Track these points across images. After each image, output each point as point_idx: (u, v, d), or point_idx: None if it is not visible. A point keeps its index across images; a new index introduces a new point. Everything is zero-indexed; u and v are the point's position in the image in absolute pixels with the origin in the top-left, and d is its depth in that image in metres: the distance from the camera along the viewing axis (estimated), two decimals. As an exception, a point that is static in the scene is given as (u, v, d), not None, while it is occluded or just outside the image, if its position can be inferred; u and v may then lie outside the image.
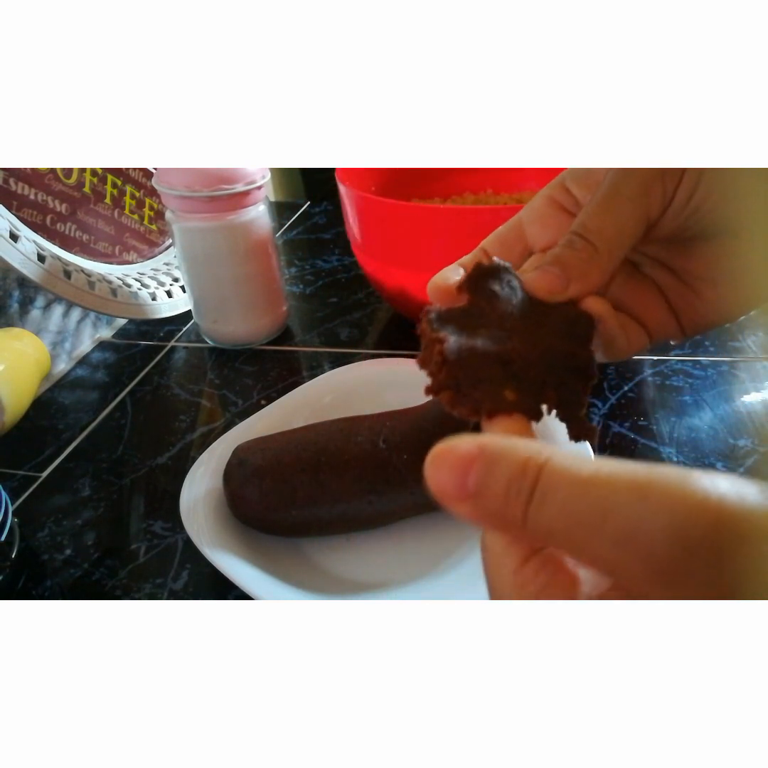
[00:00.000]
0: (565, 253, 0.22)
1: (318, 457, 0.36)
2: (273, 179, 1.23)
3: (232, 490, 0.36)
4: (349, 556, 0.37)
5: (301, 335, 0.61)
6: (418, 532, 0.38)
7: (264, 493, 0.35)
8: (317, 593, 0.33)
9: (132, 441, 0.49)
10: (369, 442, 0.36)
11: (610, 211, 0.23)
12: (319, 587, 0.34)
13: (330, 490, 0.35)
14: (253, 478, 0.35)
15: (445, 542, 0.37)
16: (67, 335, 0.60)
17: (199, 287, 0.57)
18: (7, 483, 0.45)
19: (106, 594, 0.37)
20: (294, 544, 0.37)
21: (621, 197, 0.23)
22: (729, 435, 0.44)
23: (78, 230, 0.60)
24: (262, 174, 0.53)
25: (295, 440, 0.37)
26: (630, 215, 0.23)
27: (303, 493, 0.35)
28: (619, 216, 0.23)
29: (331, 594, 0.34)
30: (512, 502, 0.17)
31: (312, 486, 0.35)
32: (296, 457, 0.36)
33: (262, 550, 0.35)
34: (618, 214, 0.23)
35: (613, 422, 0.46)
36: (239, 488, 0.36)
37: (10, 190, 0.53)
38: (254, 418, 0.42)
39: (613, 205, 0.23)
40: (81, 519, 0.42)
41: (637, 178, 0.23)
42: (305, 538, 0.38)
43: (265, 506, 0.35)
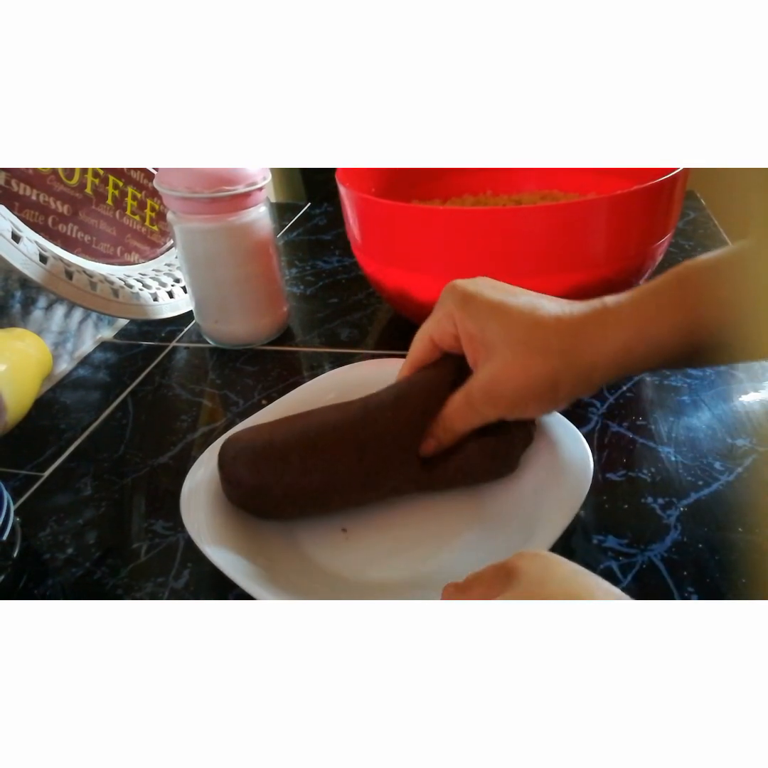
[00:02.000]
0: (437, 431, 0.37)
1: (308, 429, 0.36)
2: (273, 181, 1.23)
3: (224, 470, 0.36)
4: (348, 553, 0.37)
5: (302, 335, 0.61)
6: (416, 531, 0.38)
7: (254, 463, 0.36)
8: (313, 592, 0.34)
9: (133, 441, 0.49)
10: (356, 409, 0.37)
11: (463, 423, 0.37)
12: (317, 584, 0.35)
13: (320, 453, 0.35)
14: (243, 453, 0.36)
15: (444, 539, 0.37)
16: (69, 335, 0.61)
17: (200, 288, 0.57)
18: (9, 482, 0.45)
19: (107, 593, 0.37)
20: (293, 543, 0.38)
21: (476, 418, 0.36)
22: (727, 434, 0.44)
23: (80, 231, 0.60)
24: (263, 175, 0.53)
25: (287, 421, 0.38)
26: (474, 426, 0.37)
27: (295, 457, 0.35)
28: (466, 426, 0.37)
29: (327, 591, 0.34)
30: None
31: (303, 452, 0.36)
32: (288, 431, 0.37)
33: (262, 549, 0.36)
34: (466, 426, 0.37)
35: (612, 422, 0.46)
36: (231, 465, 0.36)
37: (12, 191, 0.53)
38: (255, 417, 0.42)
39: (466, 421, 0.37)
40: (82, 518, 0.42)
41: (496, 412, 0.36)
42: (301, 521, 0.38)
43: (257, 478, 0.36)
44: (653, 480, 0.41)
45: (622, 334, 0.33)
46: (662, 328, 0.33)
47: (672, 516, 0.38)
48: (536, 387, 0.34)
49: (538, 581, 0.24)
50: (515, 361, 0.34)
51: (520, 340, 0.34)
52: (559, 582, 0.23)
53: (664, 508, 0.39)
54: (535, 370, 0.33)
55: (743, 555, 0.36)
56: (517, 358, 0.34)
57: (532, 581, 0.24)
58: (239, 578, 0.32)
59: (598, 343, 0.33)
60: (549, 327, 0.34)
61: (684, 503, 0.39)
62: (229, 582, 0.32)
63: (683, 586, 0.34)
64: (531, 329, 0.34)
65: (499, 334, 0.34)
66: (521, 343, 0.34)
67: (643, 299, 0.34)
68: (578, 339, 0.33)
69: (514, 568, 0.25)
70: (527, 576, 0.24)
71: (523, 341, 0.34)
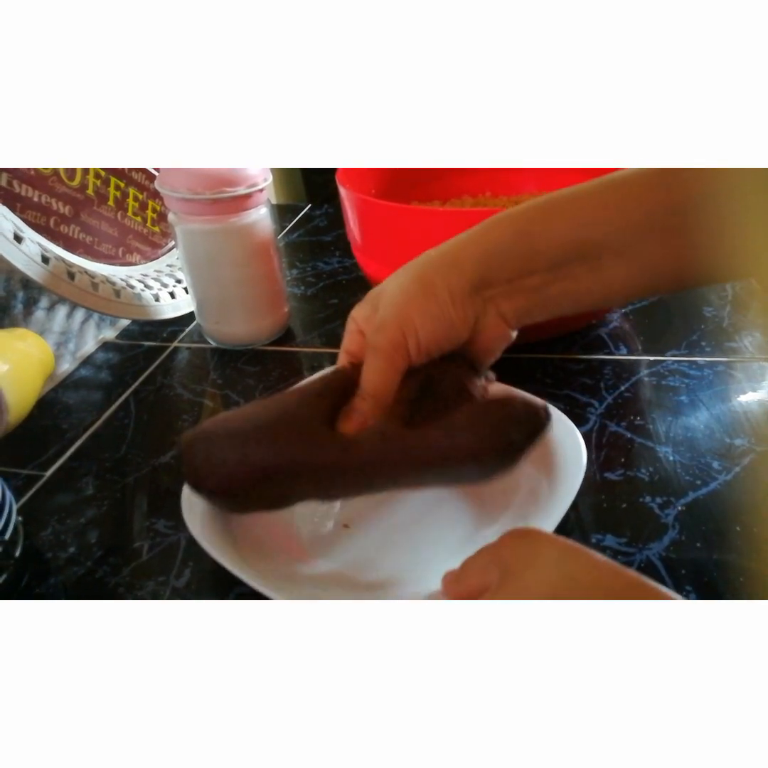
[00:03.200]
0: (357, 403, 0.33)
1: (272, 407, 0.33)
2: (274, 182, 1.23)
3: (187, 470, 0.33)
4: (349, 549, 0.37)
5: (303, 336, 0.61)
6: (417, 526, 0.39)
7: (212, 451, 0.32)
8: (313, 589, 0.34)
9: (135, 440, 0.49)
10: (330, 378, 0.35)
11: (371, 373, 0.33)
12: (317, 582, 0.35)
13: (286, 422, 0.32)
14: (199, 444, 0.33)
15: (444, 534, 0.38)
16: (71, 336, 0.61)
17: (201, 289, 0.57)
18: (11, 482, 0.46)
19: (109, 592, 0.37)
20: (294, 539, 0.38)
21: (377, 358, 0.33)
22: (725, 434, 0.44)
23: (81, 232, 0.60)
24: (263, 177, 0.53)
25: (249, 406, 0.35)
26: (385, 372, 0.33)
27: (258, 430, 0.32)
28: (377, 376, 0.33)
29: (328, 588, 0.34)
30: None
31: (267, 423, 0.32)
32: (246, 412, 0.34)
33: (263, 546, 0.36)
34: (377, 375, 0.33)
35: (610, 422, 0.46)
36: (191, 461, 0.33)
37: (14, 192, 0.54)
38: None
39: (372, 368, 0.33)
40: (84, 517, 0.43)
41: (387, 337, 0.33)
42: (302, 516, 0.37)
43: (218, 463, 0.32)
44: (651, 479, 0.41)
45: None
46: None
47: (670, 515, 0.38)
48: (407, 288, 0.33)
49: (524, 566, 0.25)
50: (390, 282, 0.34)
51: (397, 274, 0.34)
52: (543, 568, 0.24)
53: (662, 508, 0.39)
54: (404, 276, 0.34)
55: (741, 554, 0.36)
56: (390, 280, 0.34)
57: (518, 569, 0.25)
58: (241, 575, 0.32)
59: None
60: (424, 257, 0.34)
61: (682, 502, 0.39)
62: (230, 581, 0.32)
63: (681, 585, 0.34)
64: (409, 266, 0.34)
65: (384, 289, 0.35)
66: (397, 275, 0.34)
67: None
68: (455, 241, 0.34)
69: (502, 554, 0.26)
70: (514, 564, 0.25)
71: (399, 272, 0.34)
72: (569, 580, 0.23)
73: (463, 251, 0.33)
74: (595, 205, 0.33)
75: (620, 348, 0.54)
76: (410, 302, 0.33)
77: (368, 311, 0.35)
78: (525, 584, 0.24)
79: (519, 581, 0.24)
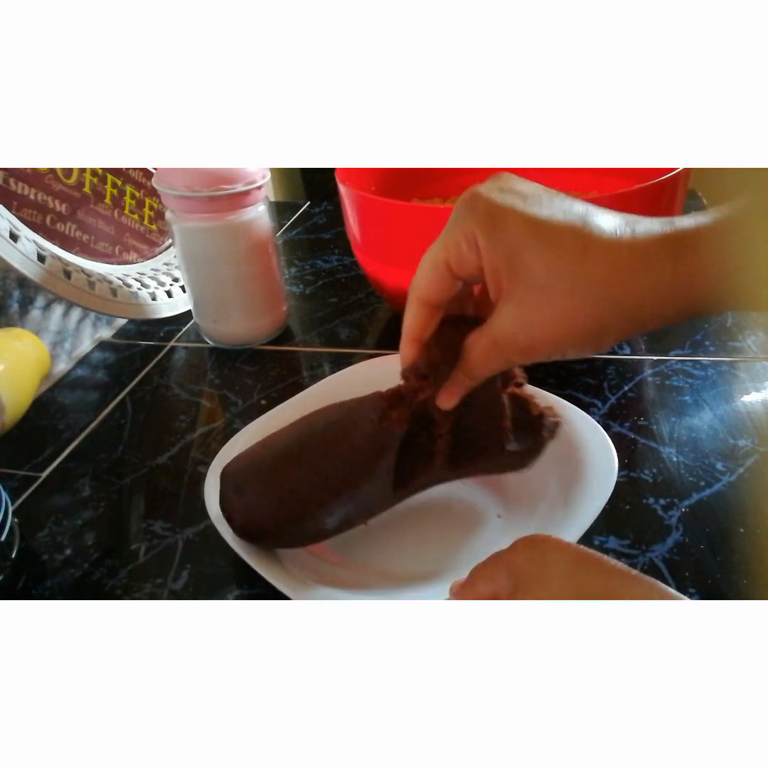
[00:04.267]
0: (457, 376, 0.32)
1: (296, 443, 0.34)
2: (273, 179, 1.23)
3: (229, 520, 0.34)
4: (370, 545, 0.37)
5: (301, 335, 0.61)
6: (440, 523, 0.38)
7: (250, 506, 0.33)
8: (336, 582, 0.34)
9: (132, 441, 0.49)
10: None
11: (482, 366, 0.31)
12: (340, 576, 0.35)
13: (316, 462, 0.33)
14: (236, 497, 0.34)
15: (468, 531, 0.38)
16: (67, 335, 0.60)
17: (199, 287, 0.57)
18: (7, 483, 0.45)
19: (106, 594, 0.37)
20: None
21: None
22: (729, 435, 0.44)
23: (78, 230, 0.60)
24: (262, 174, 0.53)
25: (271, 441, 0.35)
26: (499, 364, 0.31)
27: (290, 477, 0.33)
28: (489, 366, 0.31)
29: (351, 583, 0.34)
30: None
31: (297, 468, 0.33)
32: (275, 453, 0.34)
33: None
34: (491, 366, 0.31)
35: (613, 422, 0.46)
36: (233, 516, 0.34)
37: (10, 190, 0.53)
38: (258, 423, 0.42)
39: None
40: (81, 519, 0.42)
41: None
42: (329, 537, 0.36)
43: (257, 516, 0.33)
44: (655, 480, 0.41)
45: (689, 268, 0.26)
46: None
47: (673, 517, 0.38)
48: (578, 333, 0.28)
49: (535, 579, 0.24)
50: (554, 302, 0.27)
51: (561, 275, 0.27)
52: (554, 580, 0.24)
53: (665, 509, 0.39)
54: (578, 314, 0.27)
55: (745, 556, 0.35)
56: (556, 299, 0.27)
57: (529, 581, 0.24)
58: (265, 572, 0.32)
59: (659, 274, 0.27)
60: (600, 256, 0.27)
61: (685, 504, 0.39)
62: (228, 583, 0.32)
63: (685, 587, 0.34)
64: (578, 259, 0.27)
65: (534, 266, 0.27)
66: (563, 278, 0.27)
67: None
68: (634, 272, 0.27)
69: (512, 564, 0.25)
70: (525, 575, 0.24)
71: (565, 276, 0.27)
72: (581, 592, 0.23)
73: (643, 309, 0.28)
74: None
75: (623, 347, 0.54)
76: (571, 346, 0.29)
77: (503, 261, 0.28)
78: (536, 599, 0.23)
79: (529, 596, 0.23)
